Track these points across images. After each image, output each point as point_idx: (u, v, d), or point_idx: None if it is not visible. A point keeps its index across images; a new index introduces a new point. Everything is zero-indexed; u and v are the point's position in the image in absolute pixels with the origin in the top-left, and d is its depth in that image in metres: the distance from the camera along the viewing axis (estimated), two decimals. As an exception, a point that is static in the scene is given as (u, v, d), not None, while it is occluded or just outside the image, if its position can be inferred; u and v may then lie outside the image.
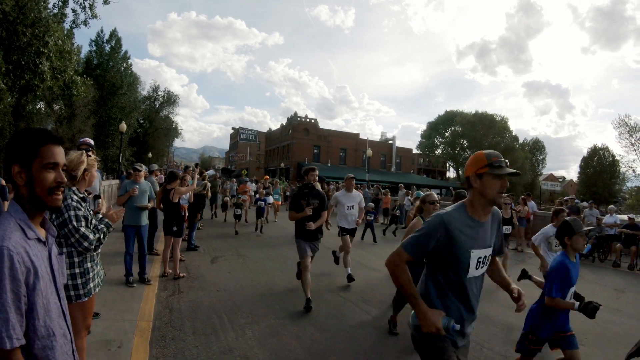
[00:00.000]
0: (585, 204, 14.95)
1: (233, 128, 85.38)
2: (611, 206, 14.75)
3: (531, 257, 12.39)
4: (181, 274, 7.20)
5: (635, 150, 40.60)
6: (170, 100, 53.19)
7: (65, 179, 1.54)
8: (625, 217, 14.26)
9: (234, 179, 22.45)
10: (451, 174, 77.80)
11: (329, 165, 54.45)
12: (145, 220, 6.77)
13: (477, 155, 2.32)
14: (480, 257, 2.31)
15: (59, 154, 1.54)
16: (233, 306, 5.83)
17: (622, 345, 5.36)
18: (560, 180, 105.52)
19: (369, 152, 38.42)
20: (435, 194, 5.46)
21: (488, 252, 2.38)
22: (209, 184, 10.98)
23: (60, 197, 1.53)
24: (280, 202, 19.05)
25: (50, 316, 1.44)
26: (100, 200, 4.35)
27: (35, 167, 1.48)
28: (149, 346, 4.30)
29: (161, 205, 7.44)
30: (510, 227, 9.08)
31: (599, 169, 63.62)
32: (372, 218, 12.98)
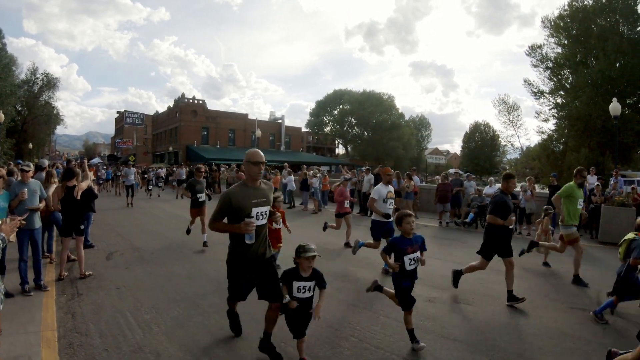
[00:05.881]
0: (464, 175, 16.50)
1: (118, 112, 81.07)
2: (491, 178, 16.47)
3: (419, 227, 13.44)
4: (86, 273, 7.05)
5: (513, 126, 44.99)
6: (50, 83, 48.50)
7: None
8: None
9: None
10: (340, 150, 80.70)
11: (218, 147, 54.30)
12: (38, 222, 6.44)
13: None
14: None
15: None
16: (135, 302, 5.84)
17: (506, 302, 6.17)
18: (444, 153, 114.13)
19: (258, 132, 39.05)
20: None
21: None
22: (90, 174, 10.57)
23: None
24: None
25: None
26: None
27: None
28: (58, 356, 4.22)
29: (59, 206, 7.11)
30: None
31: (481, 142, 69.79)
32: None
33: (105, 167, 31.50)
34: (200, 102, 56.19)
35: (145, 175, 27.73)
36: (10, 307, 5.40)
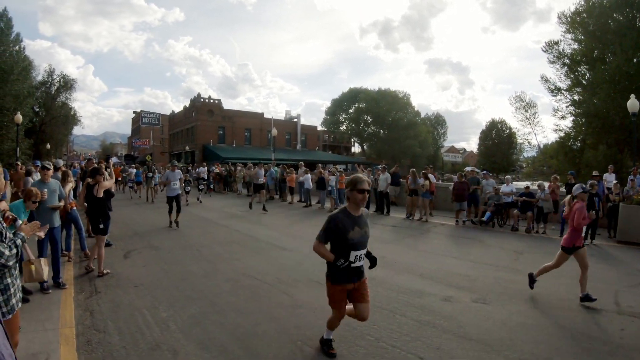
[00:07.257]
0: (481, 173, 16.33)
1: (134, 112, 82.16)
2: (507, 176, 16.21)
3: (436, 226, 13.40)
4: (104, 271, 7.14)
5: (530, 124, 44.46)
6: (67, 84, 49.00)
7: None
8: (522, 185, 15.78)
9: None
10: (356, 149, 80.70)
11: (234, 146, 54.57)
12: (57, 221, 6.56)
13: None
14: None
15: None
16: (153, 300, 5.89)
17: (523, 302, 6.11)
18: (461, 151, 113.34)
19: (274, 131, 38.94)
20: None
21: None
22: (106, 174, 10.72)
23: None
24: None
25: None
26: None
27: None
28: (76, 353, 4.27)
29: (85, 204, 7.26)
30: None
31: (497, 140, 69.13)
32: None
33: (133, 167, 27.38)
34: (216, 101, 56.37)
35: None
36: (29, 304, 5.51)
